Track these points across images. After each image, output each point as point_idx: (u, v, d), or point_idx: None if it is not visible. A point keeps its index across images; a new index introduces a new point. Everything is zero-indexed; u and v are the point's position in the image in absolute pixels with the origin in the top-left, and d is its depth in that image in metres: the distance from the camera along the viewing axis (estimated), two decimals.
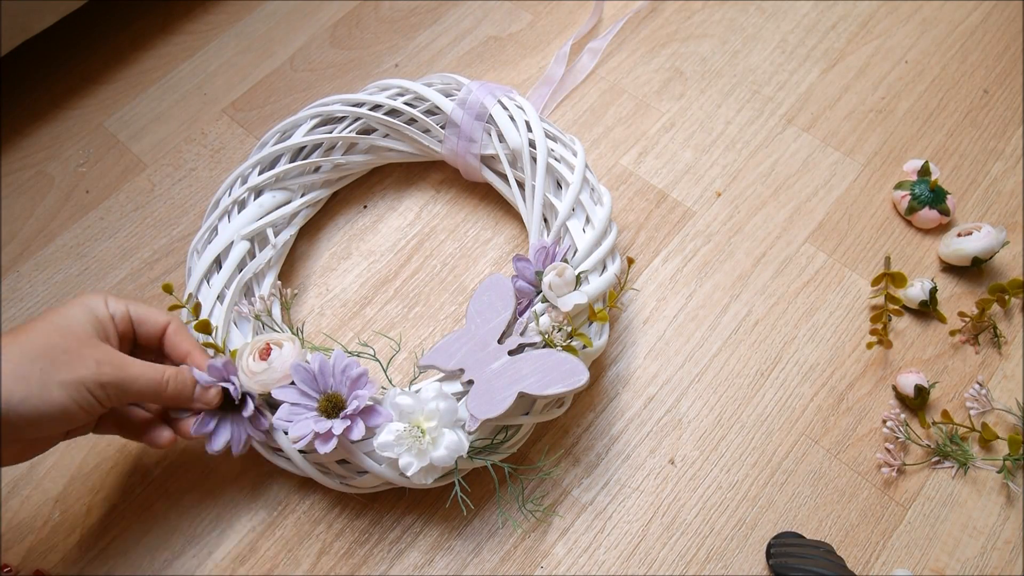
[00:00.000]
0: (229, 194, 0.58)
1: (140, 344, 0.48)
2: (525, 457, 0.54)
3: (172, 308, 0.50)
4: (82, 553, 0.52)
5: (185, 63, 0.75)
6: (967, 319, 0.57)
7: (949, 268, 0.61)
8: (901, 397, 0.55)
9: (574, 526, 0.52)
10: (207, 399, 0.47)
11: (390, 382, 0.51)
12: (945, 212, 0.62)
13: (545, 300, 0.51)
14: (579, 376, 0.47)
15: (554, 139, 0.59)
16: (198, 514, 0.53)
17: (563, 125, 0.69)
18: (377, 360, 0.51)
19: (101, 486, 0.54)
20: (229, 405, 0.48)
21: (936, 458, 0.53)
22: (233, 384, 0.47)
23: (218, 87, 0.73)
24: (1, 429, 0.39)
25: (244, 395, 0.48)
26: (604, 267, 0.54)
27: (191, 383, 0.46)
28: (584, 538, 0.52)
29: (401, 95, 0.62)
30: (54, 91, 0.73)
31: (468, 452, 0.47)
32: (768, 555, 0.50)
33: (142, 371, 0.44)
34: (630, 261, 0.56)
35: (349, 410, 0.46)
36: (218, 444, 0.47)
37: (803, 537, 0.51)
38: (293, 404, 0.47)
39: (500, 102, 0.59)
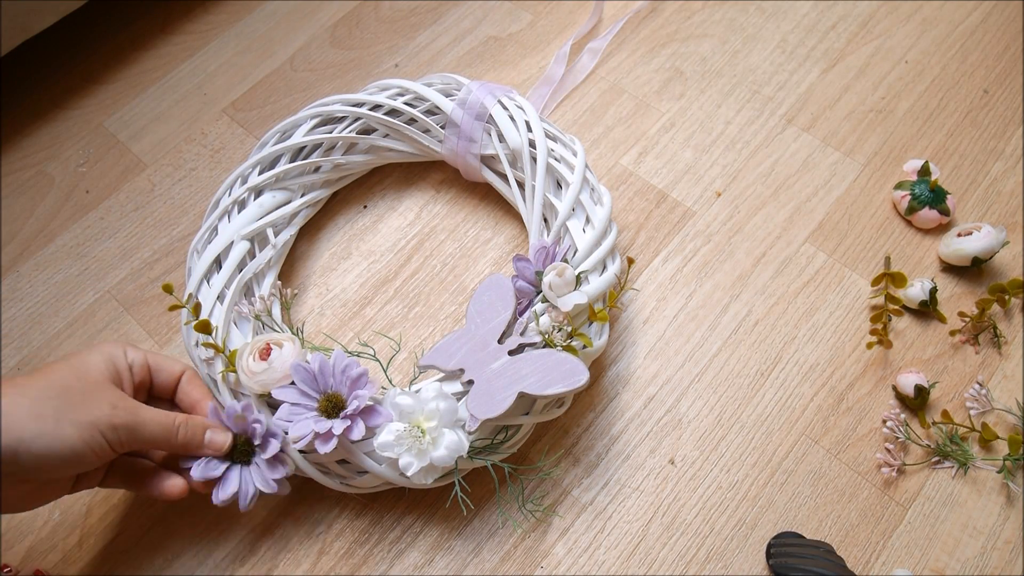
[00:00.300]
0: (229, 194, 0.58)
1: (155, 394, 0.49)
2: (525, 457, 0.54)
3: (172, 308, 0.50)
4: (82, 553, 0.52)
5: (185, 63, 0.75)
6: (967, 319, 0.57)
7: (949, 268, 0.61)
8: (901, 397, 0.55)
9: (574, 526, 0.52)
10: (216, 444, 0.46)
11: (390, 382, 0.51)
12: (945, 212, 0.62)
13: (545, 300, 0.51)
14: (579, 376, 0.47)
15: (554, 139, 0.59)
16: (198, 514, 0.53)
17: (563, 125, 0.69)
18: (377, 360, 0.51)
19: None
20: (243, 455, 0.47)
21: (936, 458, 0.53)
22: (259, 423, 0.47)
23: (218, 87, 0.73)
24: (17, 466, 0.39)
25: (266, 437, 0.47)
26: (604, 267, 0.54)
27: (202, 430, 0.46)
28: (584, 538, 0.52)
29: (401, 95, 0.62)
30: (54, 91, 0.73)
31: (468, 452, 0.47)
32: (768, 555, 0.50)
33: (154, 416, 0.44)
34: (630, 261, 0.56)
35: (349, 410, 0.46)
36: (225, 494, 0.46)
37: (803, 537, 0.51)
38: (293, 404, 0.47)
39: (500, 102, 0.59)
